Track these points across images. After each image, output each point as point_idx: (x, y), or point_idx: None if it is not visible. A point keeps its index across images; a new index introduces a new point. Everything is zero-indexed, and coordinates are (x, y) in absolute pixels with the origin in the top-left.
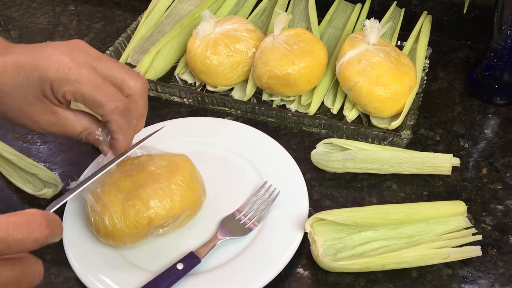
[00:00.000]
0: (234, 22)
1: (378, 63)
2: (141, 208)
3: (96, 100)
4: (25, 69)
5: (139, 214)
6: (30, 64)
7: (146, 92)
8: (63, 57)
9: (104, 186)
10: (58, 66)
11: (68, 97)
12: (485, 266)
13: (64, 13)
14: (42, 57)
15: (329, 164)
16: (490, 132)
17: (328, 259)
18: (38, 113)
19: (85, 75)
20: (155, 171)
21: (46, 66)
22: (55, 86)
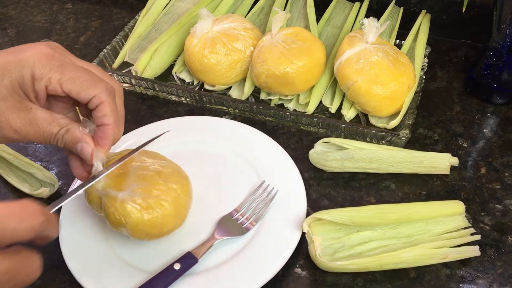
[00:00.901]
0: (232, 21)
1: (377, 62)
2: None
3: (86, 81)
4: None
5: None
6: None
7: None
8: (44, 48)
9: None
10: (40, 55)
11: (53, 84)
12: (483, 266)
13: (62, 11)
14: (22, 50)
15: (327, 163)
16: (489, 132)
17: (326, 259)
18: (11, 109)
19: (69, 62)
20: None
21: (28, 56)
22: (38, 74)
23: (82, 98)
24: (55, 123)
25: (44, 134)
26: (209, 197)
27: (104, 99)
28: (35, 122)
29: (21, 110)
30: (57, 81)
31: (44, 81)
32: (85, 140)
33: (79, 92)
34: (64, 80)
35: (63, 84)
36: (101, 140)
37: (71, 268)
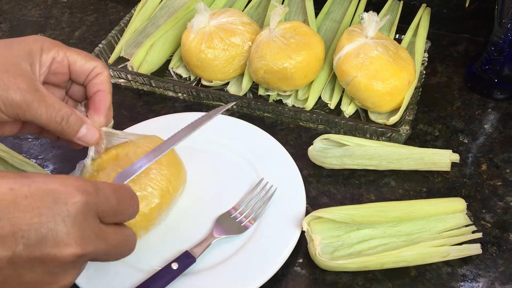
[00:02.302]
0: (229, 15)
1: (377, 57)
2: (150, 200)
3: (88, 55)
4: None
5: (149, 206)
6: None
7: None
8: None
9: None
10: (45, 38)
11: (60, 56)
12: (485, 264)
13: (56, 5)
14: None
15: (327, 160)
16: (490, 127)
17: (325, 258)
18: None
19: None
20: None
21: (35, 37)
22: (46, 46)
23: (86, 68)
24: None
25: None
26: (207, 195)
27: (102, 70)
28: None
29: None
30: (64, 53)
31: (52, 53)
32: (89, 123)
33: (84, 63)
34: (70, 53)
35: (69, 56)
36: (99, 104)
37: None
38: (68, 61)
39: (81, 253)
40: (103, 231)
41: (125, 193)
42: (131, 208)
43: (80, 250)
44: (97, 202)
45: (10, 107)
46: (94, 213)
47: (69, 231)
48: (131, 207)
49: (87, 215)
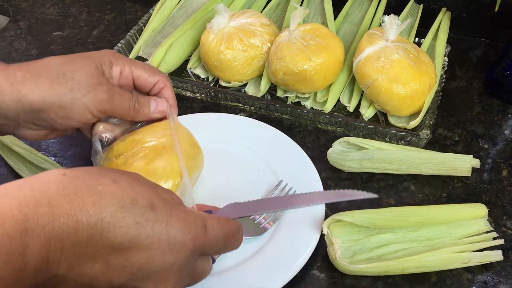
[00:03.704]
0: (248, 16)
1: (398, 60)
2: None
3: (151, 68)
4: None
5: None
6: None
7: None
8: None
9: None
10: (110, 53)
11: (126, 70)
12: (506, 271)
13: (74, 4)
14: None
15: (346, 163)
16: (510, 133)
17: (345, 262)
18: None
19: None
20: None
21: (102, 52)
22: (114, 61)
23: (149, 82)
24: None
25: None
26: (225, 196)
27: (166, 84)
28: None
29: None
30: (129, 68)
31: (120, 67)
32: (153, 98)
33: (147, 77)
34: (135, 68)
35: (133, 71)
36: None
37: None
38: (133, 76)
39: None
40: (196, 266)
41: (233, 228)
42: (236, 242)
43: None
44: (205, 244)
45: (99, 104)
46: (197, 255)
47: (169, 276)
48: (236, 241)
49: (190, 260)
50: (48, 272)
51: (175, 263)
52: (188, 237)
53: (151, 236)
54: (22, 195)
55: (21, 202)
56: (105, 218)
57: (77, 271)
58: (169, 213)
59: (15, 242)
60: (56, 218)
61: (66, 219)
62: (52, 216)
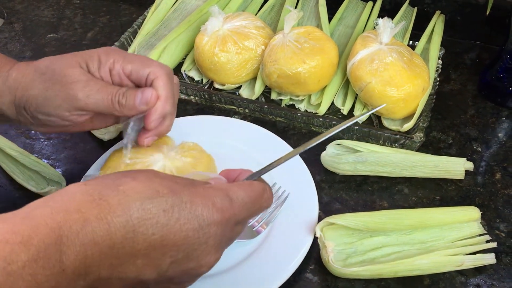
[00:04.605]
0: (243, 19)
1: (391, 63)
2: None
3: (143, 61)
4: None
5: None
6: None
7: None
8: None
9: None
10: (102, 50)
11: (116, 68)
12: (499, 274)
13: (69, 6)
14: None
15: (340, 166)
16: (504, 136)
17: (338, 265)
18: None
19: (126, 52)
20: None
21: (92, 51)
22: (103, 60)
23: (141, 76)
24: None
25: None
26: None
27: (157, 74)
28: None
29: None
30: (120, 65)
31: (109, 64)
32: (142, 89)
33: (138, 70)
34: (125, 63)
35: (124, 67)
36: (150, 111)
37: None
38: (125, 73)
39: (214, 262)
40: (235, 232)
41: (257, 188)
42: (265, 202)
43: (214, 261)
44: (234, 214)
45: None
46: (231, 224)
47: (209, 249)
48: (265, 201)
49: (226, 230)
50: (90, 276)
51: (210, 236)
52: (214, 211)
53: (180, 219)
54: (52, 205)
55: (52, 211)
56: (133, 215)
57: (120, 270)
58: (190, 193)
59: (51, 248)
60: (88, 224)
61: (97, 223)
62: (84, 222)
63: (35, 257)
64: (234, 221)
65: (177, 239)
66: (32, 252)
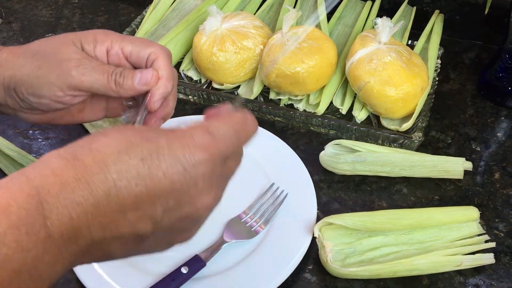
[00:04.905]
0: (241, 18)
1: (390, 63)
2: None
3: (143, 42)
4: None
5: None
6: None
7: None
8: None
9: None
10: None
11: (114, 48)
12: (498, 274)
13: (67, 5)
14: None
15: (338, 166)
16: (503, 136)
17: (337, 265)
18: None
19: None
20: None
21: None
22: (100, 38)
23: (141, 57)
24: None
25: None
26: None
27: (158, 55)
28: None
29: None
30: (118, 45)
31: (106, 44)
32: (141, 70)
33: (138, 51)
34: (124, 43)
35: (123, 48)
36: (152, 91)
37: (76, 269)
38: (124, 53)
39: (214, 203)
40: (226, 169)
41: (238, 118)
42: (250, 129)
43: (213, 200)
44: (219, 149)
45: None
46: (219, 161)
47: (201, 190)
48: (250, 128)
49: (214, 167)
50: (82, 239)
51: (198, 177)
52: (195, 150)
53: (161, 165)
54: (27, 173)
55: (28, 179)
56: (111, 170)
57: (113, 228)
58: (167, 137)
59: (32, 214)
60: (66, 186)
61: (76, 184)
62: (61, 184)
63: (17, 224)
64: (221, 156)
65: (163, 186)
66: (13, 219)
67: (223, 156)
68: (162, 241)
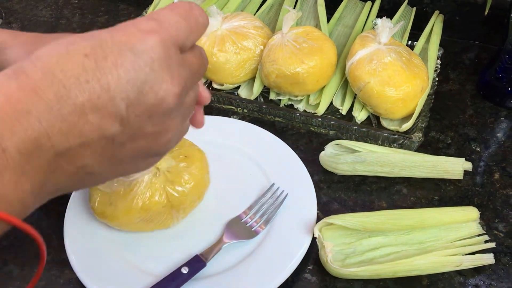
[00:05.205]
0: (241, 19)
1: (390, 63)
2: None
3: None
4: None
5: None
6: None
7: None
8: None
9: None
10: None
11: None
12: (497, 274)
13: (67, 6)
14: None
15: (338, 166)
16: (502, 136)
17: (337, 265)
18: None
19: None
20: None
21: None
22: None
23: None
24: None
25: None
26: (217, 199)
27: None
28: None
29: None
30: None
31: None
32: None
33: None
34: None
35: None
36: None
37: (76, 270)
38: None
39: (179, 91)
40: (186, 60)
41: (182, 5)
42: (199, 17)
43: (177, 88)
44: (169, 35)
45: None
46: (173, 46)
47: (160, 76)
48: (198, 15)
49: (168, 52)
50: (44, 151)
51: (153, 61)
52: (143, 35)
53: (107, 56)
54: None
55: None
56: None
57: (75, 133)
58: (109, 30)
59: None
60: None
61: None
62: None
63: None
64: (173, 41)
65: (116, 78)
66: None
67: (176, 41)
68: (139, 147)
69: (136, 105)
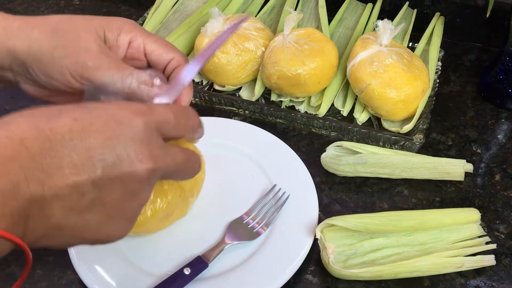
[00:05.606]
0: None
1: (391, 65)
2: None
3: (167, 44)
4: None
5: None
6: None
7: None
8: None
9: None
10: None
11: (137, 41)
12: (498, 275)
13: (69, 7)
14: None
15: (340, 167)
16: (503, 138)
17: (339, 266)
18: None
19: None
20: None
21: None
22: (126, 28)
23: (163, 59)
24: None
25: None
26: (219, 201)
27: (181, 63)
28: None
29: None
30: (142, 40)
31: (131, 35)
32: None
33: (161, 53)
34: (148, 41)
35: (146, 44)
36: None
37: (79, 271)
38: (145, 50)
39: (153, 167)
40: (168, 149)
41: (180, 107)
42: (190, 120)
43: (152, 164)
44: (155, 120)
45: (81, 69)
46: (156, 131)
47: (139, 149)
48: (190, 119)
49: (150, 134)
50: (21, 194)
51: (134, 135)
52: (131, 113)
53: (93, 122)
54: None
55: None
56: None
57: (51, 184)
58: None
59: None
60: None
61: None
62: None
63: None
64: (158, 126)
65: (98, 141)
66: None
67: (159, 128)
68: (107, 209)
69: (111, 168)
